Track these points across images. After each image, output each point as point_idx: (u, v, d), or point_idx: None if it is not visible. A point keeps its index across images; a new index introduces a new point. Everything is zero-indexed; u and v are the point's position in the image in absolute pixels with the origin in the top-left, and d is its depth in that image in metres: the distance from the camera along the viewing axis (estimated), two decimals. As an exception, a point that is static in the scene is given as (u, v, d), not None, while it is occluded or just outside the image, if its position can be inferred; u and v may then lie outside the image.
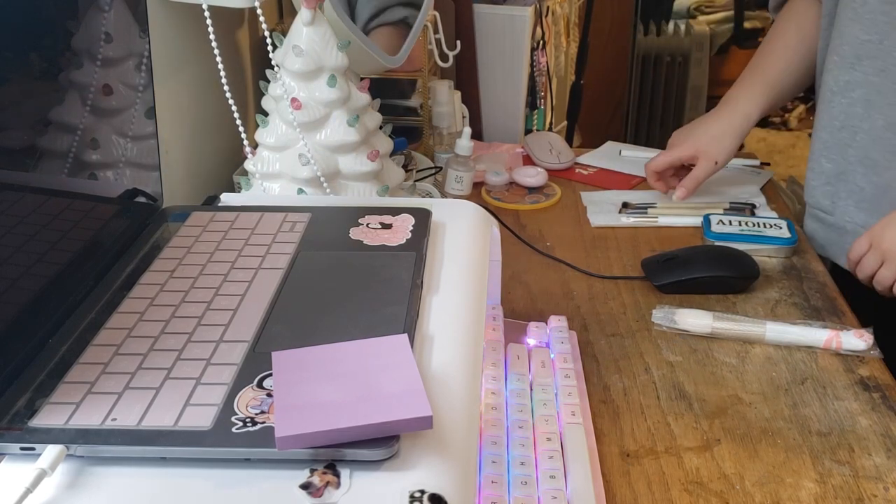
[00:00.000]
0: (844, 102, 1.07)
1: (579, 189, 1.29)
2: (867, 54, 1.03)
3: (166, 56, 0.97)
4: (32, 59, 0.60)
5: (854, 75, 1.05)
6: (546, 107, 1.71)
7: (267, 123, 0.94)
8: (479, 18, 1.47)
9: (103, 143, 0.70)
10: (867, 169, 1.07)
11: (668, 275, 1.02)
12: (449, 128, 1.37)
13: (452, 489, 0.47)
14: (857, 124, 1.06)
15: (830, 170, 1.10)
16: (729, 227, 1.12)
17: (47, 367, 0.55)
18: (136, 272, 0.67)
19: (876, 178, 1.06)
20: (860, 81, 1.05)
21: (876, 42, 1.02)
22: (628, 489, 0.72)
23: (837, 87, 1.07)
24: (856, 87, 1.06)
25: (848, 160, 1.08)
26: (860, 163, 1.07)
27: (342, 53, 0.91)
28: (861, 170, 1.07)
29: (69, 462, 0.49)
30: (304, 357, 0.54)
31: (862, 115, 1.06)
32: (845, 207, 1.10)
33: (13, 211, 0.58)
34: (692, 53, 2.96)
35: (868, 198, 1.07)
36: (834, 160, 1.10)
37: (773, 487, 0.73)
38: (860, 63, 1.04)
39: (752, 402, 0.83)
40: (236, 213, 0.76)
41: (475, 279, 0.69)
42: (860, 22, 1.03)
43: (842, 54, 1.06)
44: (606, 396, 0.84)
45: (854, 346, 0.90)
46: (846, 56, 1.06)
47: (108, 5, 0.69)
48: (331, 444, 0.48)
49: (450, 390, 0.55)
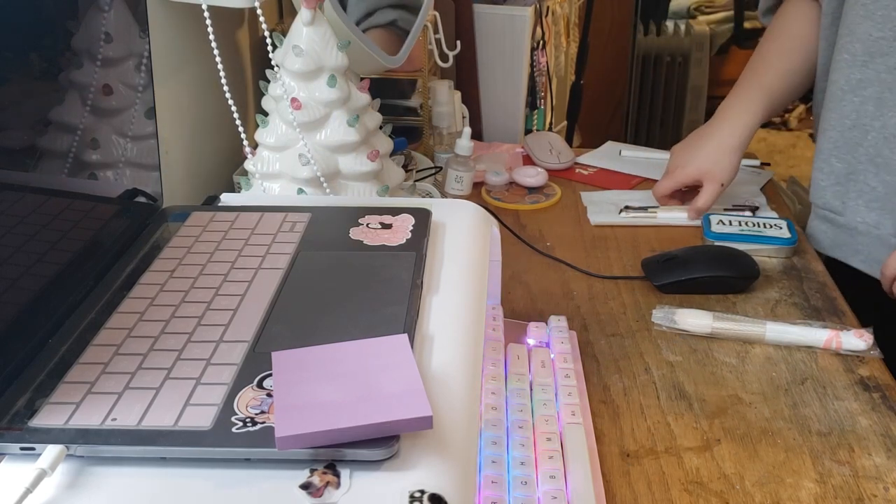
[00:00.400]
0: (856, 101, 1.06)
1: (579, 189, 1.29)
2: (880, 51, 1.03)
3: (166, 56, 0.97)
4: (32, 59, 0.60)
5: (866, 73, 1.04)
6: (546, 107, 1.71)
7: (267, 123, 0.94)
8: (479, 18, 1.47)
9: (103, 143, 0.70)
10: (879, 168, 1.06)
11: (668, 275, 1.02)
12: (449, 128, 1.37)
13: (452, 489, 0.47)
14: (869, 123, 1.05)
15: (841, 169, 1.09)
16: (729, 227, 1.12)
17: (47, 367, 0.55)
18: (136, 272, 0.67)
19: (888, 178, 1.05)
20: (872, 79, 1.04)
21: (890, 39, 1.01)
22: (628, 489, 0.72)
23: (849, 85, 1.06)
24: (868, 85, 1.04)
25: (859, 159, 1.07)
26: (871, 162, 1.06)
27: (342, 53, 0.91)
28: (872, 169, 1.06)
29: (69, 462, 0.49)
30: (304, 357, 0.54)
31: (874, 113, 1.05)
32: (856, 207, 1.09)
33: (13, 211, 0.58)
34: (692, 53, 2.96)
35: (880, 197, 1.06)
36: (844, 159, 1.08)
37: (773, 487, 0.73)
38: (872, 60, 1.03)
39: (752, 402, 0.83)
40: (236, 213, 0.76)
41: (475, 279, 0.69)
42: (872, 19, 1.02)
43: (852, 52, 1.05)
44: (606, 396, 0.84)
45: (854, 346, 0.90)
46: (857, 54, 1.05)
47: (108, 5, 0.69)
48: (331, 444, 0.48)
49: (450, 390, 0.55)
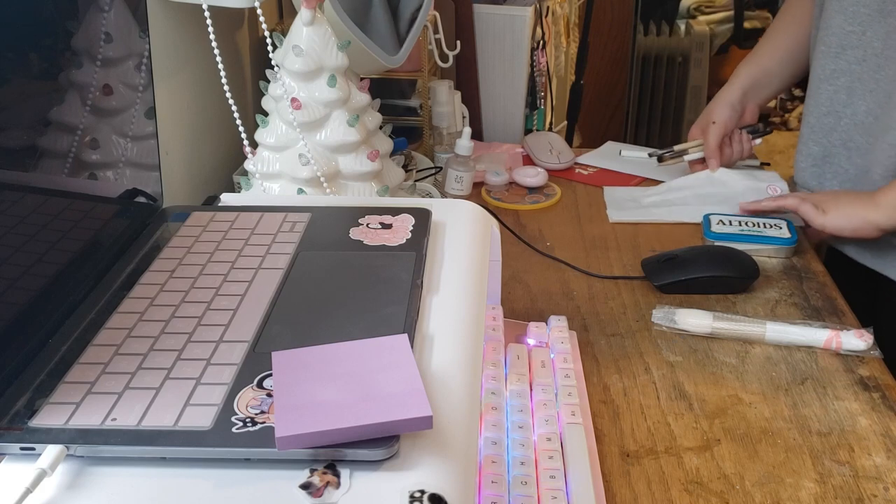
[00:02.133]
0: (830, 89, 1.14)
1: (579, 189, 1.29)
2: (850, 44, 1.10)
3: (166, 56, 0.97)
4: (32, 59, 0.60)
5: (839, 64, 1.12)
6: (546, 107, 1.71)
7: (267, 123, 0.94)
8: (479, 18, 1.47)
9: (103, 143, 0.70)
10: (850, 152, 1.14)
11: (668, 275, 1.02)
12: (449, 128, 1.37)
13: (452, 489, 0.47)
14: (841, 110, 1.13)
15: (817, 152, 1.17)
16: (729, 227, 1.12)
17: (47, 367, 0.55)
18: (136, 272, 0.67)
19: (859, 160, 1.13)
20: (844, 70, 1.12)
21: (859, 33, 1.09)
22: (628, 489, 0.72)
23: (824, 74, 1.14)
24: (840, 75, 1.12)
25: (833, 143, 1.15)
26: (844, 146, 1.14)
27: (342, 53, 0.91)
28: (845, 153, 1.15)
29: (69, 462, 0.49)
30: (304, 357, 0.54)
31: (845, 101, 1.13)
32: (831, 187, 1.17)
33: (13, 211, 0.58)
34: (692, 53, 2.96)
35: (851, 178, 1.14)
36: (820, 143, 1.17)
37: (773, 487, 0.73)
38: (844, 52, 1.11)
39: (752, 402, 0.83)
40: (236, 213, 0.76)
41: (475, 279, 0.69)
42: (844, 13, 1.10)
43: (828, 44, 1.13)
44: (606, 396, 0.84)
45: (854, 346, 0.90)
46: (832, 45, 1.12)
47: (108, 5, 0.69)
48: (331, 444, 0.48)
49: (450, 390, 0.55)
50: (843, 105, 1.13)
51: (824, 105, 1.15)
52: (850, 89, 1.11)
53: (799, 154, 1.21)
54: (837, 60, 1.12)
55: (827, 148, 1.16)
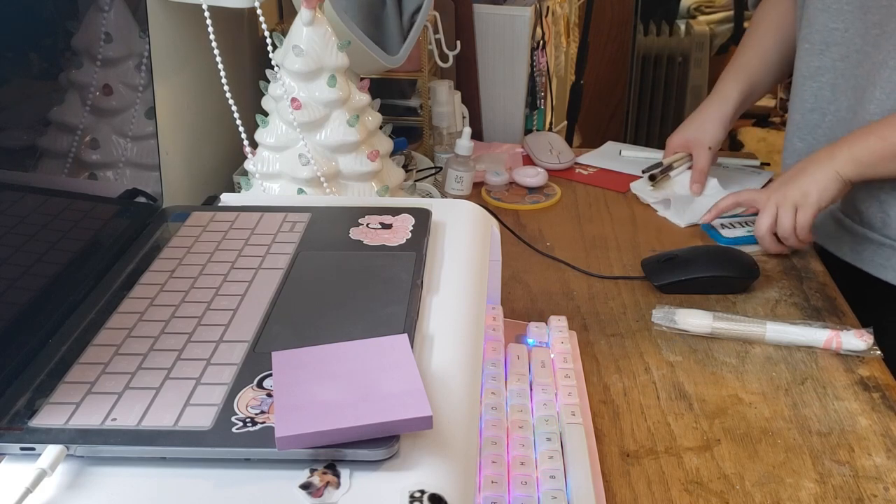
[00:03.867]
0: (815, 86, 1.14)
1: (579, 189, 1.29)
2: (834, 41, 1.10)
3: (166, 56, 0.97)
4: (32, 59, 0.60)
5: (823, 61, 1.12)
6: (546, 107, 1.71)
7: (267, 123, 0.94)
8: (479, 18, 1.47)
9: (103, 143, 0.70)
10: None
11: (668, 275, 1.02)
12: (449, 128, 1.37)
13: (452, 489, 0.47)
14: (825, 106, 1.14)
15: (802, 148, 1.18)
16: (738, 230, 1.13)
17: (47, 367, 0.55)
18: (136, 272, 0.67)
19: None
20: (828, 67, 1.12)
21: (842, 30, 1.09)
22: (628, 489, 0.72)
23: (808, 71, 1.15)
24: (824, 72, 1.13)
25: (818, 140, 1.15)
26: (828, 142, 1.13)
27: (342, 53, 0.91)
28: None
29: (69, 462, 0.49)
30: (304, 357, 0.54)
31: (829, 97, 1.13)
32: None
33: (13, 211, 0.58)
34: (692, 53, 2.96)
35: None
36: (805, 140, 1.18)
37: (773, 487, 0.73)
38: (828, 50, 1.11)
39: (752, 402, 0.83)
40: (236, 214, 0.76)
41: (475, 279, 0.69)
42: (828, 11, 1.10)
43: (812, 41, 1.13)
44: (606, 396, 0.84)
45: (854, 346, 0.90)
46: (816, 43, 1.12)
47: (108, 5, 0.69)
48: (331, 444, 0.48)
49: (450, 390, 0.55)
50: (827, 102, 1.13)
51: (809, 102, 1.15)
52: (834, 86, 1.12)
53: (785, 151, 1.22)
54: (821, 58, 1.12)
55: (812, 144, 1.16)
